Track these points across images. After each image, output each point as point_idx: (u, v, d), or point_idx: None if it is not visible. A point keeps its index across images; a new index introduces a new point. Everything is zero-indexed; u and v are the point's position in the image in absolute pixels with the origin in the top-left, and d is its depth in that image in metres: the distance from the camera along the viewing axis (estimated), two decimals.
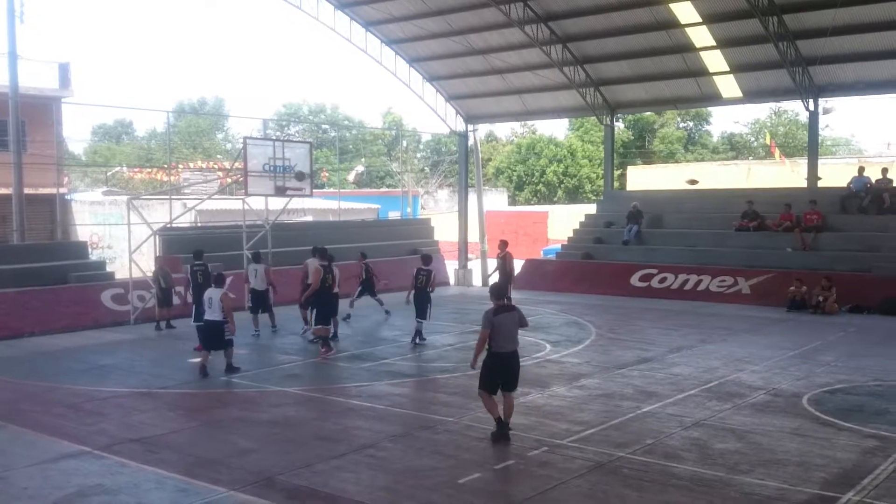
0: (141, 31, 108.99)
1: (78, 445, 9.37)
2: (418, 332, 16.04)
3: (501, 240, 20.93)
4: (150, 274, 18.86)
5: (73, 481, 8.17)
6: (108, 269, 21.77)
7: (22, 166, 20.99)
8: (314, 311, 14.96)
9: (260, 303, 17.36)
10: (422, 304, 16.01)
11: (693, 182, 34.47)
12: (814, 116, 24.93)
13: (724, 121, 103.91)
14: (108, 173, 50.81)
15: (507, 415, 9.52)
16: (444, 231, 33.63)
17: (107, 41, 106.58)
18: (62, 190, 27.61)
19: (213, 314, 13.21)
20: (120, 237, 27.58)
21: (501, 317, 9.36)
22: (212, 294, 13.30)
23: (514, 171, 63.24)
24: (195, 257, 16.86)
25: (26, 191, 21.60)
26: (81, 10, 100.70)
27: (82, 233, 29.43)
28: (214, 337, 13.32)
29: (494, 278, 20.25)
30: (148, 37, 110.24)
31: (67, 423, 10.44)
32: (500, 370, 9.42)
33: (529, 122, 64.69)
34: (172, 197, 24.28)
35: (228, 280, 20.64)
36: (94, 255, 25.26)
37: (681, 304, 22.07)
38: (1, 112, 22.86)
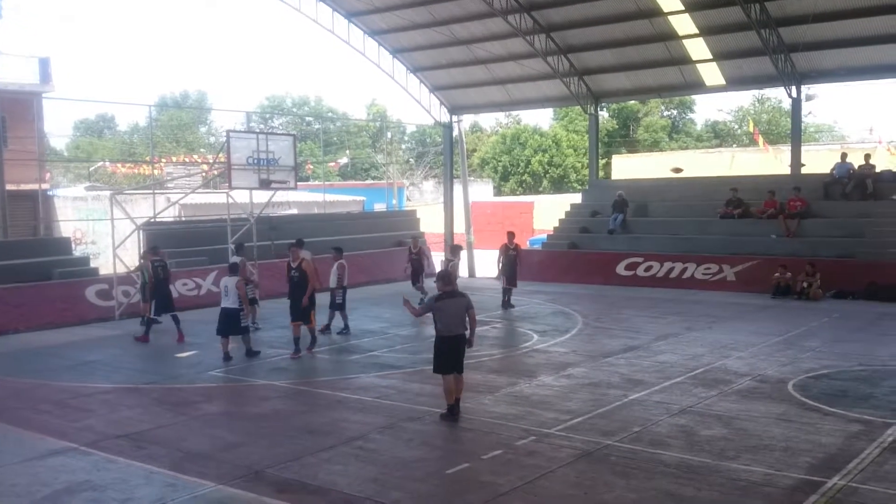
0: (121, 25, 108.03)
1: (65, 442, 9.33)
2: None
3: (509, 231, 21.13)
4: (133, 269, 18.76)
5: (60, 478, 8.13)
6: (92, 264, 21.67)
7: (3, 162, 20.80)
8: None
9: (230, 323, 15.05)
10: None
11: (677, 170, 34.64)
12: (797, 103, 25.05)
13: (708, 109, 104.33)
14: (91, 168, 50.33)
15: (457, 393, 10.16)
16: (430, 223, 33.61)
17: (87, 35, 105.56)
18: (44, 186, 27.39)
19: (228, 301, 13.82)
20: (103, 233, 27.39)
21: (445, 302, 9.96)
22: (227, 282, 13.96)
23: (500, 161, 63.22)
24: (153, 252, 16.67)
25: (8, 187, 21.45)
26: (61, 3, 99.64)
27: (66, 229, 29.17)
28: (231, 324, 13.88)
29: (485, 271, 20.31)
30: (129, 30, 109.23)
31: (54, 419, 10.39)
32: (446, 352, 9.99)
33: (514, 113, 64.64)
34: (156, 191, 24.19)
35: (213, 273, 20.70)
36: (77, 251, 25.10)
37: (666, 291, 22.18)
38: None
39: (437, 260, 29.18)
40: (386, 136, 59.82)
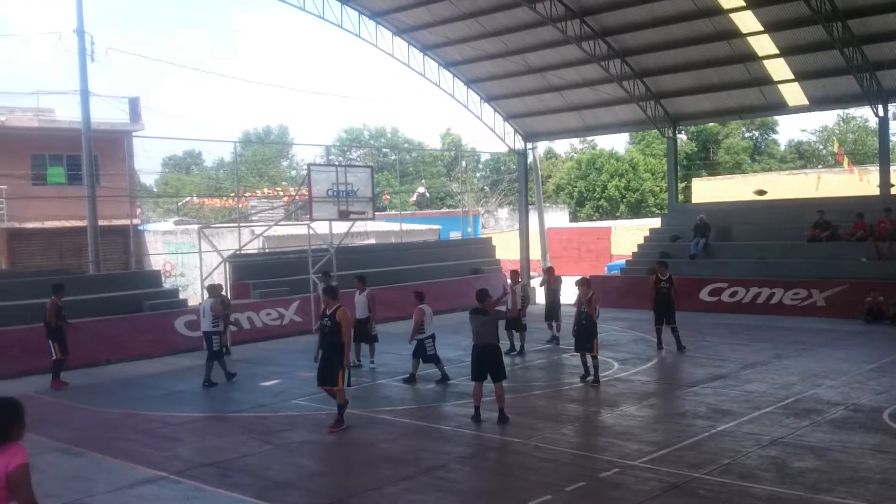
0: (207, 64, 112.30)
1: (154, 471, 9.57)
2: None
3: (549, 267, 20.79)
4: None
5: None
6: (181, 296, 22.34)
7: (96, 199, 21.77)
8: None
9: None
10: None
11: (761, 193, 33.69)
12: (884, 122, 24.16)
13: (791, 129, 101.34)
14: (179, 203, 52.32)
15: (498, 402, 11.18)
16: (506, 250, 33.57)
17: (174, 75, 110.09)
18: (135, 221, 28.54)
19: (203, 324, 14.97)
20: (192, 265, 28.34)
21: (475, 317, 11.28)
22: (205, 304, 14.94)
23: (575, 187, 62.79)
24: (58, 290, 15.76)
25: (101, 222, 22.33)
26: (149, 46, 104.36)
27: (155, 262, 30.32)
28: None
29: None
30: (213, 69, 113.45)
31: (144, 448, 10.69)
32: (479, 359, 11.23)
33: (589, 138, 64.24)
34: (241, 224, 24.87)
35: (295, 303, 21.05)
36: (167, 284, 25.96)
37: (753, 318, 21.52)
38: (75, 147, 23.83)
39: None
40: (460, 164, 60.25)
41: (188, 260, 29.82)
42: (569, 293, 17.19)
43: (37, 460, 5.12)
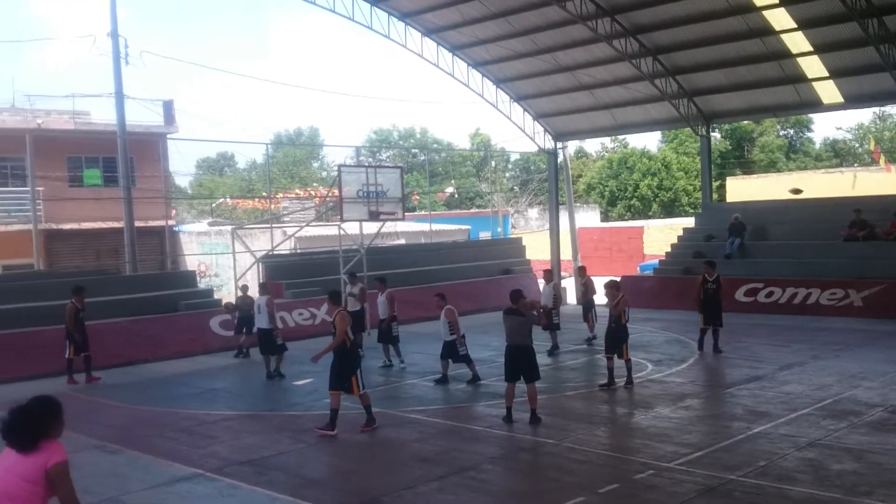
0: (238, 67, 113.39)
1: (191, 468, 9.68)
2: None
3: (581, 266, 20.69)
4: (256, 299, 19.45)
5: None
6: (216, 296, 22.59)
7: (132, 201, 22.09)
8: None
9: (266, 343, 15.86)
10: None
11: (797, 191, 33.28)
12: None
13: (827, 127, 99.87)
14: (213, 204, 52.91)
15: (530, 403, 11.18)
16: (536, 250, 33.46)
17: (207, 77, 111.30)
18: (170, 222, 28.84)
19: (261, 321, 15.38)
20: (225, 265, 28.66)
21: (507, 317, 11.30)
22: (260, 301, 15.24)
23: (606, 186, 62.39)
24: (78, 292, 16.15)
25: (137, 224, 22.63)
26: (182, 49, 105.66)
27: (190, 262, 30.68)
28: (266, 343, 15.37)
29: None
30: (244, 71, 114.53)
31: (181, 446, 10.83)
32: (512, 361, 11.23)
33: (620, 137, 63.80)
34: (273, 225, 25.08)
35: (327, 303, 21.23)
36: (202, 284, 26.27)
37: (789, 318, 21.23)
38: (111, 149, 24.19)
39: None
40: (490, 164, 60.15)
41: (222, 260, 30.13)
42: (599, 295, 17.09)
43: (75, 457, 5.20)
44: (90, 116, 29.21)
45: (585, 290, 18.35)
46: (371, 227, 22.47)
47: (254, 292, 18.89)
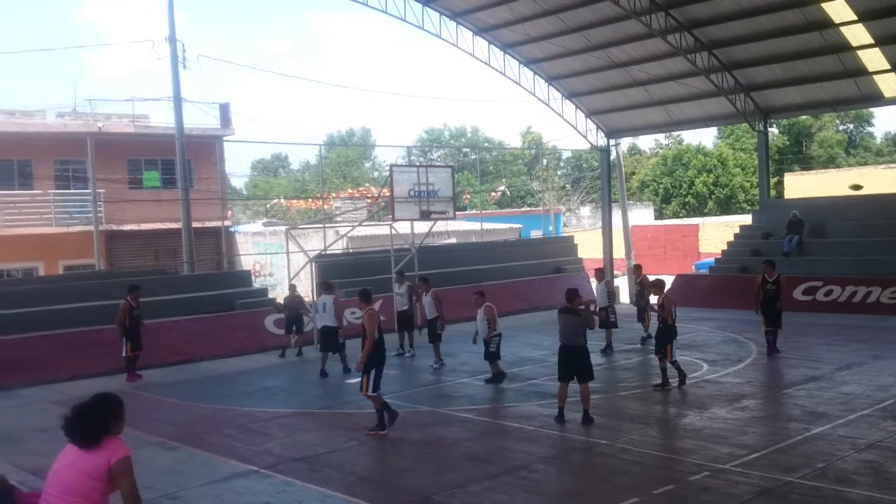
0: (291, 69, 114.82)
1: (246, 465, 9.83)
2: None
3: (637, 264, 20.30)
4: (307, 299, 19.69)
5: (242, 500, 8.59)
6: (270, 295, 22.92)
7: (189, 202, 22.55)
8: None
9: (327, 342, 16.15)
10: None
11: (857, 187, 32.38)
12: None
13: (888, 121, 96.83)
14: (268, 205, 53.70)
15: (582, 403, 11.07)
16: (588, 248, 33.19)
17: (260, 80, 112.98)
18: (226, 223, 29.37)
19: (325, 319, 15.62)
20: (280, 265, 29.05)
21: (562, 316, 11.19)
22: (326, 300, 15.50)
23: (660, 183, 61.49)
24: (133, 291, 16.46)
25: (194, 224, 23.11)
26: (236, 52, 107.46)
27: (246, 262, 31.19)
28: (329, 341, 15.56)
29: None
30: (297, 73, 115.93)
31: (236, 443, 11.01)
32: (565, 360, 11.11)
33: (675, 133, 62.87)
34: (326, 225, 25.34)
35: (378, 303, 21.43)
36: (256, 283, 26.67)
37: (849, 317, 20.67)
38: (169, 152, 24.75)
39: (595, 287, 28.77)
40: (541, 162, 59.86)
41: (276, 260, 30.57)
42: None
43: (135, 454, 5.32)
44: (149, 120, 29.93)
45: (641, 290, 18.03)
46: (422, 227, 22.54)
47: (303, 291, 19.08)
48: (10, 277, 24.30)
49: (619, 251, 31.71)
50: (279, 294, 25.10)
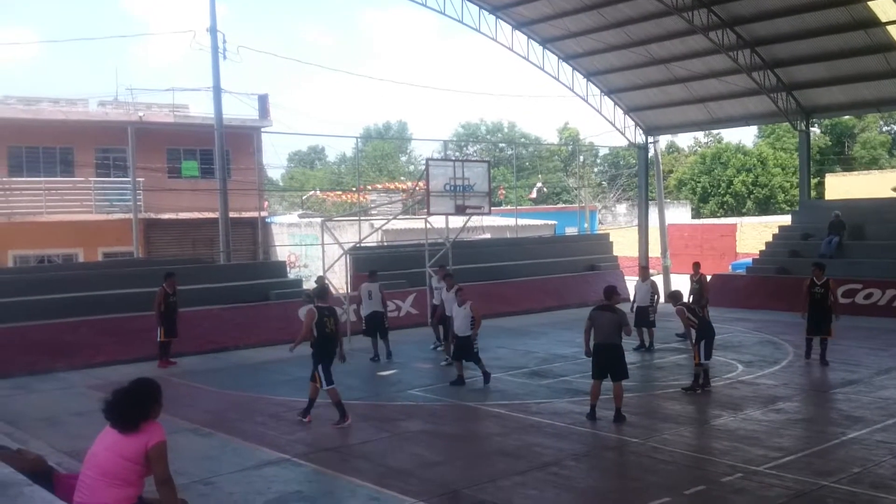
0: (330, 61, 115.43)
1: (278, 453, 9.94)
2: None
3: (695, 262, 19.64)
4: (342, 292, 19.82)
5: (273, 488, 8.68)
6: (305, 286, 23.09)
7: (227, 192, 22.79)
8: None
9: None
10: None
11: None
12: None
13: None
14: (303, 197, 54.07)
15: (615, 401, 11.03)
16: (624, 246, 32.93)
17: (299, 72, 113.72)
18: (263, 213, 29.62)
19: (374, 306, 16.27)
20: (315, 256, 29.22)
21: (599, 313, 11.13)
22: (372, 288, 16.19)
23: (698, 182, 60.75)
24: (168, 277, 16.77)
25: (231, 215, 23.37)
26: (275, 44, 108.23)
27: (281, 253, 31.44)
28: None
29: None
30: (336, 66, 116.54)
31: (269, 431, 11.13)
32: (600, 358, 11.07)
33: (714, 131, 62.08)
34: (361, 218, 25.44)
35: (412, 296, 21.55)
36: (291, 274, 26.87)
37: (890, 321, 20.27)
38: (208, 142, 25.01)
39: (630, 285, 28.53)
40: (578, 159, 59.50)
41: (311, 251, 30.77)
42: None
43: (169, 439, 5.42)
44: (188, 110, 30.29)
45: (700, 289, 17.20)
46: (457, 221, 22.53)
47: (338, 283, 19.14)
48: (51, 263, 24.79)
49: (654, 250, 31.42)
50: (314, 286, 25.25)
